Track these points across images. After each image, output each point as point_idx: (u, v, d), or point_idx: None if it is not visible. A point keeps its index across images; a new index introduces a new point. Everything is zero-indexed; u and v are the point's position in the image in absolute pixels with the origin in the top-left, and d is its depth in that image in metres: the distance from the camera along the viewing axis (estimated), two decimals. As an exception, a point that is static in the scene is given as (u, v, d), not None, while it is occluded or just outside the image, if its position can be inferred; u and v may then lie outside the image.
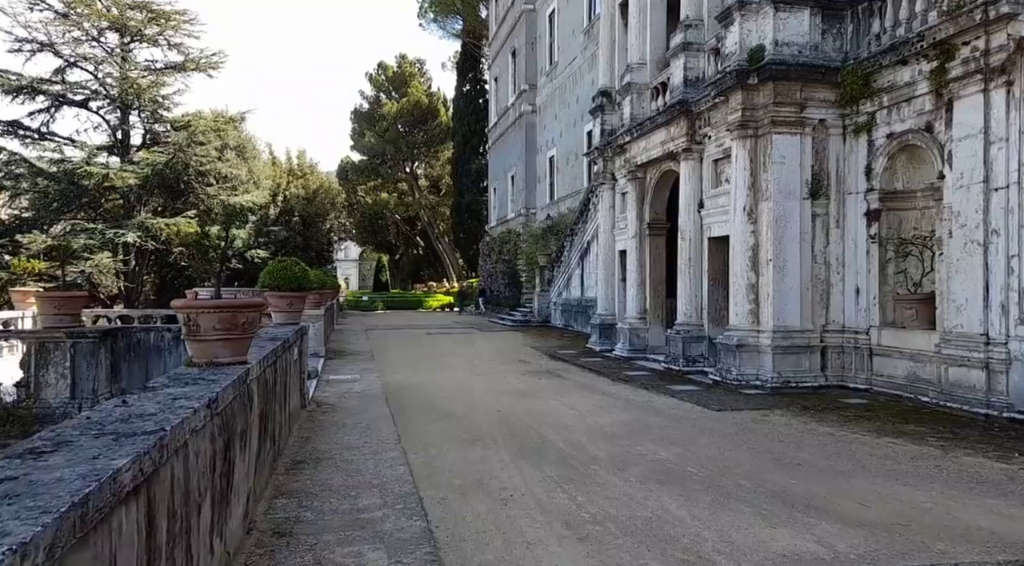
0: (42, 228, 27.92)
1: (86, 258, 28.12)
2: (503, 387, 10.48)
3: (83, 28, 28.90)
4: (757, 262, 10.52)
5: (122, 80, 29.64)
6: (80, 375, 7.08)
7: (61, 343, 6.94)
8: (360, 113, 53.42)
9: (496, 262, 35.97)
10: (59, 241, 27.88)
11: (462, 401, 9.20)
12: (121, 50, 30.48)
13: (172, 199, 31.82)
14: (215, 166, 33.01)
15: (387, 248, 61.89)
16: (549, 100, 30.60)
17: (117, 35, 30.30)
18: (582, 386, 10.78)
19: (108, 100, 30.25)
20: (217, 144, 32.97)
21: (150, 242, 30.29)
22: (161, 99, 31.36)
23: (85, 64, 29.11)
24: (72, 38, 28.78)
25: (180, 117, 32.43)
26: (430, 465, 5.83)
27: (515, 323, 24.60)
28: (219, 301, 3.94)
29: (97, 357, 7.05)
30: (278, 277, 7.91)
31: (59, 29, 28.24)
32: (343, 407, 8.62)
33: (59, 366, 7.03)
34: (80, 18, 28.81)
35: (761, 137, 10.48)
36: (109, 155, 31.14)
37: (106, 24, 29.26)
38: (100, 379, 7.12)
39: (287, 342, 6.39)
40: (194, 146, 31.04)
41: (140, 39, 30.57)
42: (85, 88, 29.23)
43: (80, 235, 28.38)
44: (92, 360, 7.03)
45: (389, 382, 10.99)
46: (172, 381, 3.35)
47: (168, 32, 31.20)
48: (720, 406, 8.89)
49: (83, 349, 7.05)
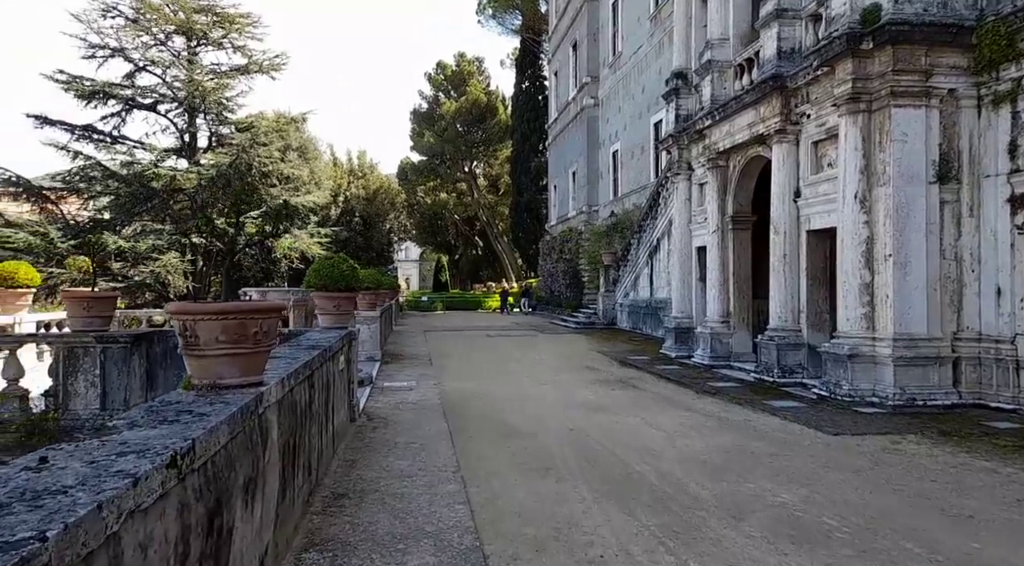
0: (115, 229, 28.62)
1: (154, 259, 28.65)
2: (573, 399, 9.34)
3: (151, 33, 29.53)
4: (872, 258, 9.00)
5: (188, 83, 30.13)
6: (111, 384, 6.46)
7: (91, 348, 6.33)
8: (419, 113, 53.30)
9: (557, 261, 34.76)
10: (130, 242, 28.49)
11: (528, 416, 8.12)
12: (188, 53, 31.00)
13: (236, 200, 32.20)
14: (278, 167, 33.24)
15: (446, 248, 61.69)
16: (612, 92, 29.22)
17: (183, 39, 30.85)
18: (662, 399, 9.52)
19: (175, 103, 30.84)
20: (279, 145, 33.18)
21: (215, 242, 30.65)
22: (226, 101, 31.78)
23: (153, 68, 29.72)
24: (141, 43, 29.43)
25: (243, 119, 32.80)
26: (495, 504, 4.76)
27: (578, 325, 23.37)
28: (223, 305, 2.99)
29: (130, 364, 6.39)
30: (324, 276, 7.04)
31: (129, 35, 28.91)
32: (396, 421, 7.68)
33: (88, 374, 6.43)
34: (149, 23, 29.45)
35: (876, 112, 8.95)
36: (177, 158, 31.78)
37: (173, 28, 29.81)
38: (133, 388, 6.47)
39: (329, 351, 5.46)
40: (257, 147, 31.25)
41: (206, 42, 31.02)
42: (154, 92, 29.84)
43: (149, 236, 28.97)
44: (124, 367, 6.38)
45: (447, 391, 10.04)
46: (146, 416, 2.40)
47: (232, 35, 31.59)
48: (835, 428, 7.47)
49: (114, 355, 6.42)
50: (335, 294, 7.09)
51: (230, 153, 30.18)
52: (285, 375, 3.61)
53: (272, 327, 3.21)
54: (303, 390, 4.27)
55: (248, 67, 31.79)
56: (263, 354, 3.20)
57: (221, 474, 2.36)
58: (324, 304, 7.13)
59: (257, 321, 3.05)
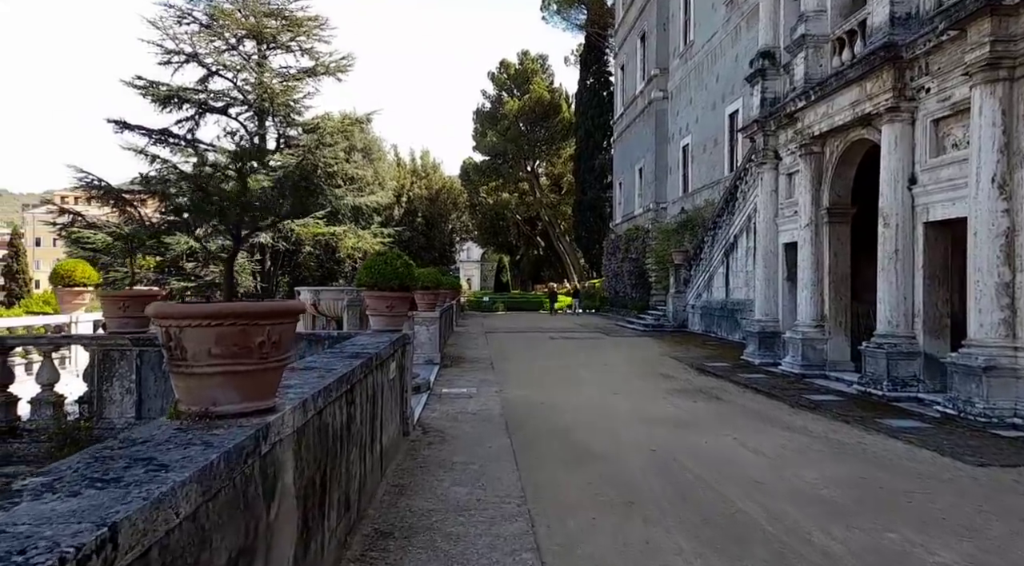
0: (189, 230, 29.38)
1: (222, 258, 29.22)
2: (652, 412, 8.32)
3: (223, 37, 30.20)
4: (1013, 253, 7.57)
5: (258, 86, 30.64)
6: (147, 390, 5.97)
7: (127, 351, 5.87)
8: (482, 113, 52.97)
9: (622, 261, 33.45)
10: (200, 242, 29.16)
11: (602, 432, 7.18)
12: (258, 57, 31.55)
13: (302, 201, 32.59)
14: (343, 167, 33.48)
15: (508, 249, 61.17)
16: (683, 84, 27.75)
17: (254, 43, 31.41)
18: (753, 414, 8.36)
19: (245, 106, 31.42)
20: (344, 145, 33.38)
21: (281, 243, 31.04)
22: (293, 103, 32.16)
23: (225, 72, 30.36)
24: (213, 47, 30.11)
25: (310, 120, 33.16)
26: (571, 554, 3.87)
27: (646, 328, 22.13)
28: (217, 306, 2.23)
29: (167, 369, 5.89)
30: (376, 274, 6.32)
31: (203, 40, 29.64)
32: (454, 435, 6.90)
33: (124, 379, 5.98)
34: (221, 28, 30.11)
35: (1020, 80, 7.52)
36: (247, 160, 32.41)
37: (244, 32, 30.38)
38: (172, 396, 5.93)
39: (376, 358, 4.71)
40: (322, 148, 31.49)
41: (275, 45, 31.47)
42: (225, 95, 30.48)
43: (219, 236, 29.57)
44: (160, 372, 5.88)
45: (510, 399, 9.20)
46: (83, 469, 1.65)
47: (301, 38, 31.94)
48: (978, 457, 6.17)
49: (151, 359, 5.92)
50: (388, 294, 6.36)
51: (296, 154, 30.53)
52: (311, 395, 2.84)
53: (286, 335, 2.43)
54: (339, 409, 3.51)
55: (315, 69, 32.08)
56: (274, 372, 2.42)
57: (178, 562, 1.57)
58: (376, 305, 6.42)
59: (263, 328, 2.27)
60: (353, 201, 34.49)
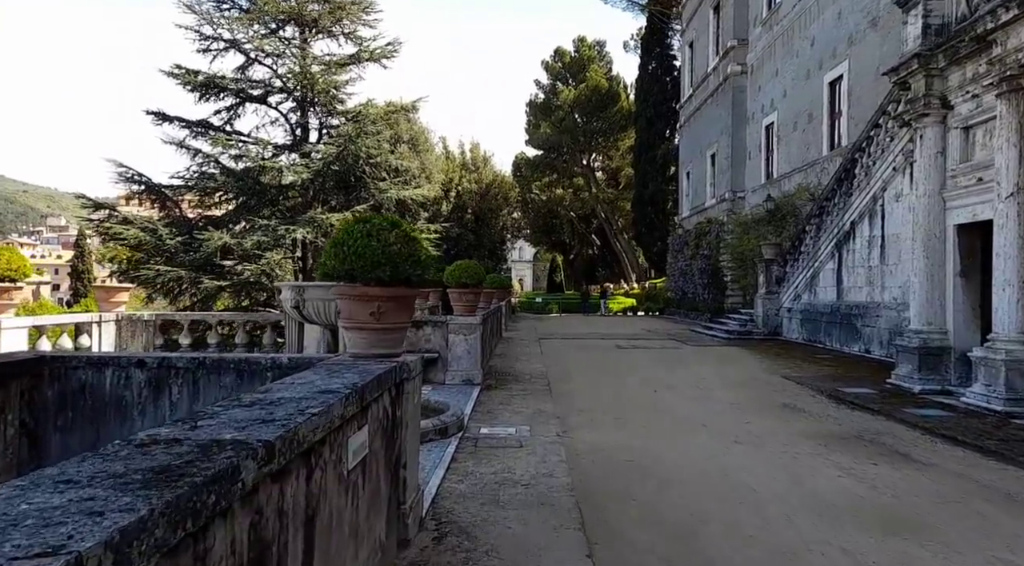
0: (227, 226, 27.65)
1: (259, 255, 27.19)
2: (817, 487, 5.20)
3: (263, 22, 28.47)
4: None
5: (299, 73, 28.65)
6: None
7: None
8: (535, 104, 50.10)
9: (691, 258, 29.89)
10: (236, 239, 27.26)
11: (753, 541, 4.09)
12: (299, 42, 29.58)
13: (345, 194, 30.58)
14: (386, 158, 31.20)
15: (561, 248, 58.15)
16: (766, 54, 24.13)
17: (295, 27, 29.51)
18: (991, 493, 5.13)
19: (285, 94, 29.56)
20: (387, 134, 31.05)
21: (320, 238, 28.87)
22: (335, 91, 30.09)
23: (265, 59, 28.56)
24: (253, 32, 28.37)
25: (352, 108, 31.04)
26: None
27: (730, 335, 18.68)
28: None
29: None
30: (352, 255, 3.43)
31: (242, 24, 27.95)
32: (488, 543, 3.96)
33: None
34: (262, 12, 28.36)
35: None
36: (289, 152, 30.64)
37: (284, 17, 28.58)
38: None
39: (286, 448, 1.79)
40: (364, 137, 29.24)
41: (316, 30, 29.44)
42: (265, 83, 28.72)
43: (256, 232, 27.60)
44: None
45: (580, 451, 6.20)
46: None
47: (344, 22, 29.83)
48: None
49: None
50: (372, 291, 3.43)
51: (336, 143, 28.45)
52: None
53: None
54: None
55: (359, 55, 30.00)
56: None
57: None
58: (352, 310, 3.49)
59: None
60: (398, 194, 32.12)
